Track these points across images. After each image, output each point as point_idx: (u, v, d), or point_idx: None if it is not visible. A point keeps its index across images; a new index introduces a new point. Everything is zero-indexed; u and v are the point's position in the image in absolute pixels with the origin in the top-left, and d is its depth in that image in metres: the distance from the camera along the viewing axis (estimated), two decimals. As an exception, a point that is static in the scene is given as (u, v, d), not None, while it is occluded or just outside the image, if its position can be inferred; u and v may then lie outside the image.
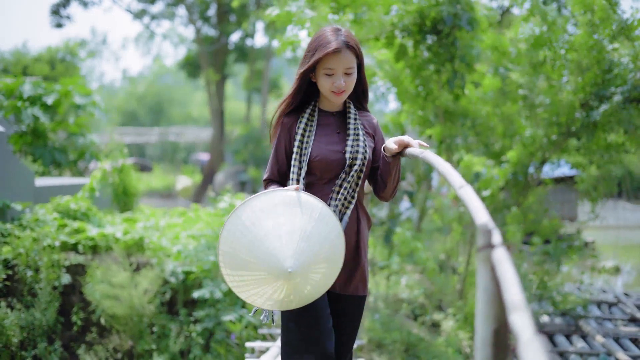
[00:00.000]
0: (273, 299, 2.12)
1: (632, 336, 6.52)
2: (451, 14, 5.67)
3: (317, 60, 2.27)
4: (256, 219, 2.10)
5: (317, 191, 2.35)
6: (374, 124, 2.51)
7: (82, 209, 6.18)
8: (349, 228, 2.36)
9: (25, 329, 4.94)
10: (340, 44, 2.26)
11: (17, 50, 21.68)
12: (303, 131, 2.36)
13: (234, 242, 2.10)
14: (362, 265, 2.40)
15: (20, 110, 7.70)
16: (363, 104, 2.52)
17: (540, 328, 6.39)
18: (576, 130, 6.14)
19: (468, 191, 1.24)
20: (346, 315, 2.41)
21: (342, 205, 2.33)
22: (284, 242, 2.04)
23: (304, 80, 2.36)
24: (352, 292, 2.40)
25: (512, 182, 6.74)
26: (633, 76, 5.76)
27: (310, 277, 2.09)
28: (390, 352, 5.17)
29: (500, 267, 0.94)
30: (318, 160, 2.33)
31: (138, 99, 38.56)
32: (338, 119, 2.44)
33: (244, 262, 2.08)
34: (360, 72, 2.39)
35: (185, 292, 5.29)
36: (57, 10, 16.80)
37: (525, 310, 0.83)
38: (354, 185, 2.35)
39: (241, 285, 2.12)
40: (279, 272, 2.02)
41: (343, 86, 2.29)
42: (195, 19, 20.29)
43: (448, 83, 6.03)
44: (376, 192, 2.48)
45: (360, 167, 2.33)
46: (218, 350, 4.93)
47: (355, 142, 2.36)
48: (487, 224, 1.02)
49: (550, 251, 6.52)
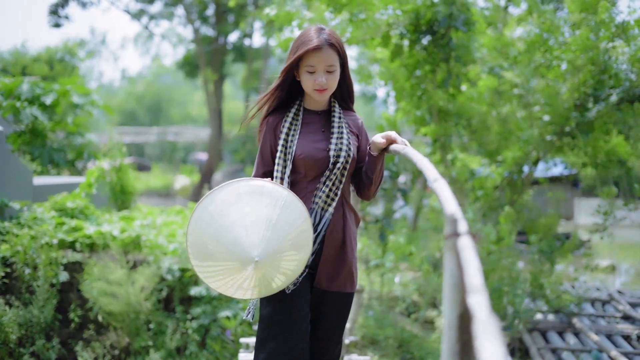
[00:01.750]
0: (243, 288, 2.14)
1: (625, 333, 6.58)
2: (446, 15, 5.73)
3: (298, 57, 2.30)
4: (222, 209, 2.11)
5: (301, 189, 2.37)
6: (359, 124, 2.53)
7: (80, 207, 6.24)
8: (335, 225, 2.38)
9: (23, 326, 4.99)
10: (321, 42, 2.29)
11: (16, 50, 21.71)
12: (288, 130, 2.38)
13: (201, 233, 2.11)
14: (348, 262, 2.41)
15: (19, 110, 7.75)
16: (348, 104, 2.54)
17: (534, 325, 6.45)
18: (571, 130, 6.21)
19: (441, 184, 1.30)
20: (331, 312, 2.42)
21: (324, 202, 2.35)
22: (250, 232, 2.05)
23: (287, 78, 2.38)
24: (338, 288, 2.41)
25: (507, 181, 6.80)
26: (628, 77, 5.82)
27: (280, 265, 2.11)
28: (384, 348, 5.23)
29: (464, 253, 1.00)
30: (302, 157, 2.35)
31: (137, 99, 38.65)
32: (323, 118, 2.45)
33: (211, 253, 2.09)
34: (344, 72, 2.42)
35: (181, 290, 5.34)
36: (55, 10, 16.86)
37: (483, 293, 0.89)
38: (338, 182, 2.36)
39: (210, 275, 2.14)
40: (245, 261, 2.04)
41: (324, 83, 2.32)
42: (194, 19, 20.35)
43: (443, 83, 6.09)
44: (359, 190, 2.51)
45: (343, 164, 2.35)
46: (213, 347, 4.99)
47: (339, 139, 2.38)
48: (454, 214, 1.09)
49: (545, 249, 6.58)
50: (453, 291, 1.03)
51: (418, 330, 5.83)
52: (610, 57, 5.75)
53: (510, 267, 5.99)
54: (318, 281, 2.38)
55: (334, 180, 2.35)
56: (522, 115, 6.58)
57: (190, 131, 31.04)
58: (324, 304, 2.41)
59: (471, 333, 0.99)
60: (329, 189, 2.35)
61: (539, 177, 7.89)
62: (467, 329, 1.02)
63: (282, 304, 2.29)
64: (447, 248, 1.07)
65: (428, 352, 5.24)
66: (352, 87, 2.52)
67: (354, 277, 2.46)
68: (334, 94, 2.47)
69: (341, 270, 2.39)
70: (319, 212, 2.35)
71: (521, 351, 6.15)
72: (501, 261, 5.86)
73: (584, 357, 5.92)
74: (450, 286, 1.04)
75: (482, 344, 0.81)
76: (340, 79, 2.42)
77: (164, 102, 39.16)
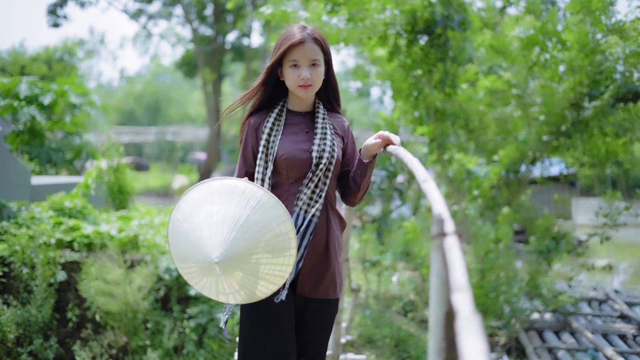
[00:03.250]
0: (224, 293, 2.04)
1: (621, 333, 6.61)
2: (443, 15, 5.76)
3: (282, 53, 2.26)
4: (193, 209, 2.02)
5: (284, 191, 2.29)
6: (345, 126, 2.46)
7: (77, 207, 6.25)
8: (319, 229, 2.30)
9: (21, 325, 5.01)
10: (304, 36, 2.26)
11: (15, 49, 21.71)
12: (270, 130, 2.32)
13: (176, 233, 2.04)
14: (332, 268, 2.33)
15: (17, 110, 7.76)
16: (334, 106, 2.47)
17: (530, 324, 6.48)
18: (567, 130, 6.23)
19: (430, 185, 1.33)
20: (315, 319, 2.34)
21: (306, 205, 2.26)
22: (213, 232, 1.94)
23: (270, 75, 2.34)
24: (322, 295, 2.32)
25: (504, 181, 6.83)
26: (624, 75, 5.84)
27: (259, 270, 1.99)
28: (380, 347, 5.25)
29: (450, 253, 1.02)
30: (284, 159, 2.28)
31: (135, 99, 38.68)
32: (307, 119, 2.39)
33: (184, 254, 2.02)
34: (328, 71, 2.37)
35: (179, 289, 5.36)
36: (54, 10, 16.85)
37: (466, 291, 0.92)
38: (322, 184, 2.28)
39: (191, 277, 2.05)
40: (206, 263, 1.93)
41: (309, 78, 2.26)
42: (192, 19, 20.37)
43: (439, 83, 6.12)
44: (344, 196, 2.42)
45: (326, 165, 2.28)
46: (211, 346, 5.01)
47: (322, 140, 2.30)
48: (441, 214, 1.11)
49: (543, 249, 6.60)
50: (439, 290, 1.05)
51: (414, 330, 5.85)
52: (606, 58, 5.77)
53: (508, 267, 6.02)
54: (301, 288, 2.30)
55: (316, 182, 2.27)
56: (518, 115, 6.60)
57: (189, 131, 31.06)
58: (308, 311, 2.32)
59: (456, 330, 1.01)
60: (311, 191, 2.26)
61: (537, 177, 7.91)
62: (453, 327, 1.04)
63: (259, 316, 2.22)
64: (434, 247, 1.09)
65: (424, 352, 5.26)
66: (337, 88, 2.46)
67: (338, 283, 2.38)
68: (318, 95, 2.42)
69: (324, 277, 2.31)
70: (302, 215, 2.25)
71: (517, 350, 6.17)
72: (499, 260, 5.88)
73: (580, 356, 5.94)
74: (437, 285, 1.06)
75: (464, 339, 0.83)
76: (326, 80, 2.38)
77: (163, 101, 39.20)
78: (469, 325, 0.85)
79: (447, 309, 1.05)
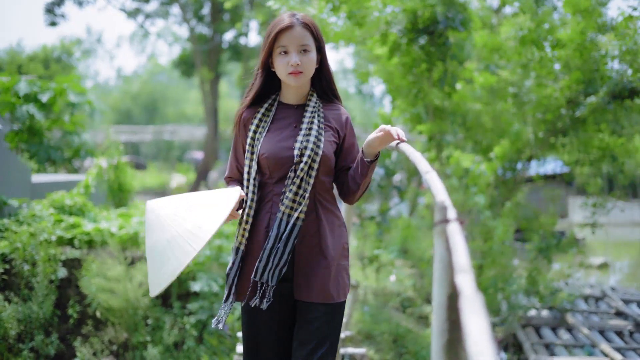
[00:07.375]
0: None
1: (617, 329, 6.67)
2: (445, 15, 5.79)
3: (272, 40, 2.17)
4: None
5: (268, 192, 2.20)
6: (343, 119, 2.30)
7: (78, 205, 6.28)
8: (308, 231, 2.17)
9: (22, 321, 5.03)
10: (293, 21, 2.17)
11: (12, 49, 21.70)
12: (256, 127, 2.23)
13: None
14: (331, 270, 2.18)
15: (16, 108, 7.79)
16: (330, 95, 2.33)
17: (527, 321, 6.53)
18: (562, 127, 6.28)
19: (433, 176, 1.37)
20: (312, 324, 2.15)
21: (289, 208, 2.12)
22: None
23: (264, 69, 2.26)
24: (323, 299, 2.16)
25: (501, 179, 6.87)
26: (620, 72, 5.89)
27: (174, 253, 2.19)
28: (379, 343, 5.30)
29: (453, 238, 1.06)
30: (265, 157, 2.16)
31: (133, 98, 38.65)
32: (298, 112, 2.26)
33: None
34: (322, 61, 2.26)
35: (179, 285, 5.40)
36: (51, 9, 16.84)
37: (469, 273, 0.96)
38: (305, 184, 2.13)
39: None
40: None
41: (298, 64, 2.14)
42: (189, 18, 20.37)
43: (439, 81, 6.16)
44: (342, 194, 2.29)
45: (308, 163, 2.12)
46: (211, 342, 5.05)
47: (306, 137, 2.16)
48: (444, 202, 1.15)
49: (542, 247, 6.65)
50: (442, 273, 1.10)
51: (413, 325, 5.90)
52: (601, 56, 5.82)
53: (506, 264, 6.07)
54: (298, 293, 2.17)
55: (298, 183, 2.12)
56: (514, 112, 6.65)
57: (186, 130, 31.03)
58: (303, 317, 2.18)
59: (459, 311, 1.05)
60: (294, 193, 2.12)
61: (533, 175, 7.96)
62: (456, 309, 1.09)
63: (249, 337, 2.25)
64: (437, 233, 1.13)
65: (422, 347, 5.31)
66: (332, 77, 2.32)
67: (341, 286, 2.20)
68: (313, 85, 2.31)
69: (324, 280, 2.16)
70: (284, 220, 2.11)
71: (515, 346, 6.23)
72: (497, 257, 5.93)
73: (577, 352, 6.00)
74: (440, 269, 1.11)
75: (467, 318, 0.87)
76: (319, 69, 2.26)
77: (160, 100, 39.17)
78: (473, 305, 0.89)
79: (450, 291, 1.09)
